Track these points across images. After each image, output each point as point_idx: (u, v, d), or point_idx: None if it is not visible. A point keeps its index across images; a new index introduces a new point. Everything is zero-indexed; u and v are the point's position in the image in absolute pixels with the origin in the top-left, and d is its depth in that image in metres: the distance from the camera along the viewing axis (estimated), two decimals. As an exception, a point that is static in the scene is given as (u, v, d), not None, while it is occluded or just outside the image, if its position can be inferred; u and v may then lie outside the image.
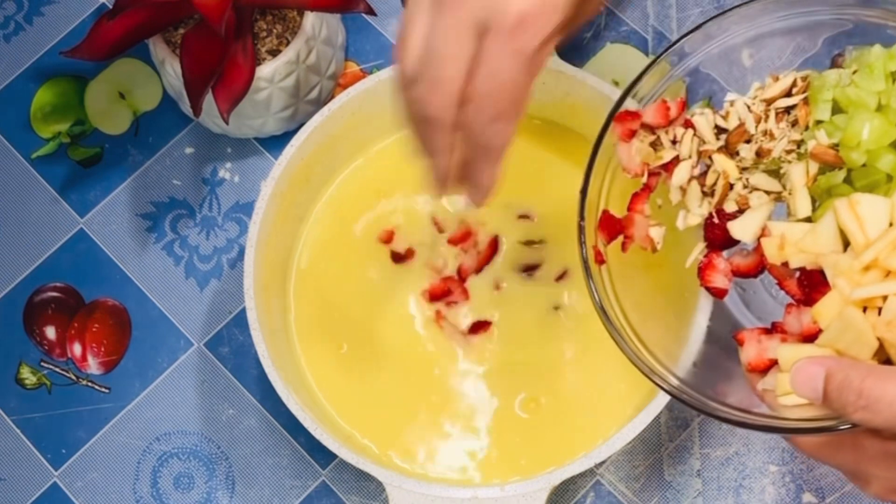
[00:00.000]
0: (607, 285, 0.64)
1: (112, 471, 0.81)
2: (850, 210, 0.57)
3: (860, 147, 0.59)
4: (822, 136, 0.61)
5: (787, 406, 0.57)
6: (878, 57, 0.60)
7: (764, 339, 0.60)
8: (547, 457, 0.75)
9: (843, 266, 0.57)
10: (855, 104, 0.60)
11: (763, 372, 0.60)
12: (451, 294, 0.79)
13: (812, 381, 0.53)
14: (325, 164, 0.81)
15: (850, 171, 0.60)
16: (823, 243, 0.58)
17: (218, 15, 0.74)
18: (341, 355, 0.79)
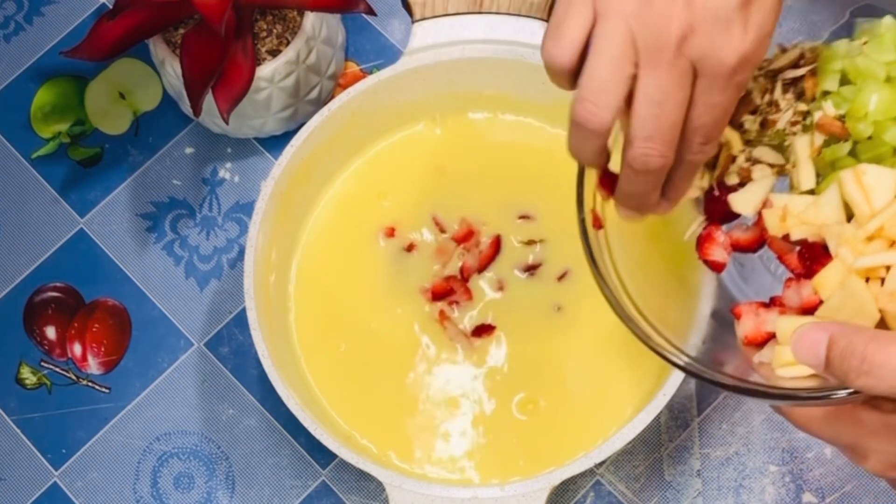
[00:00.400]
0: (604, 251, 0.63)
1: (112, 471, 0.81)
2: (856, 180, 0.57)
3: (867, 118, 0.58)
4: (829, 107, 0.60)
5: (784, 379, 0.56)
6: (888, 28, 0.59)
7: (762, 313, 0.60)
8: (547, 457, 0.75)
9: (846, 235, 0.56)
10: (864, 75, 0.59)
11: (760, 345, 0.60)
12: (453, 293, 0.79)
13: (815, 346, 0.52)
14: (325, 164, 0.81)
15: (856, 143, 0.60)
16: (827, 214, 0.58)
17: (218, 15, 0.74)
18: (341, 355, 0.79)
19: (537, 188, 0.81)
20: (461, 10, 0.80)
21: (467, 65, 0.79)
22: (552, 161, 0.82)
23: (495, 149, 0.83)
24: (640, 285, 0.63)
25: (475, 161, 0.82)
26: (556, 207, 0.81)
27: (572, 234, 0.79)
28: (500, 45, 0.79)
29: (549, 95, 0.80)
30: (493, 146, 0.83)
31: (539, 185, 0.81)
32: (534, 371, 0.77)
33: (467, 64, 0.79)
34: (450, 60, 0.79)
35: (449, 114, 0.83)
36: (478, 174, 0.82)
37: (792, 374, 0.56)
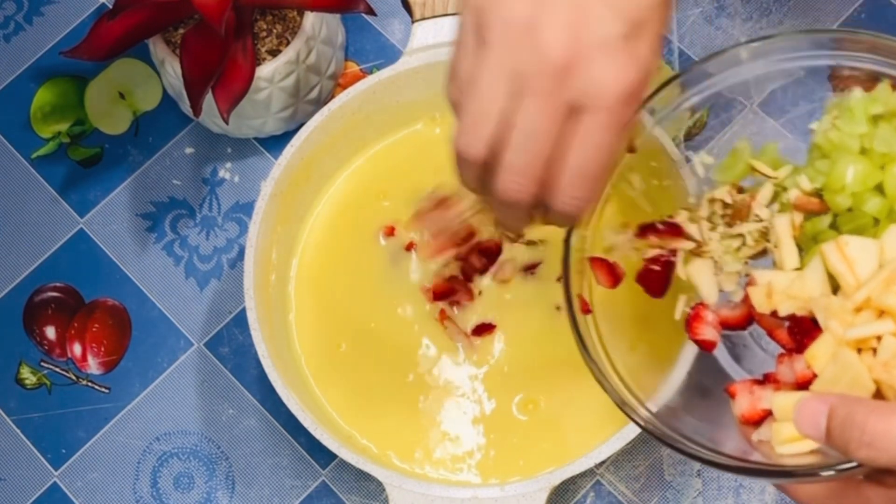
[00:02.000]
0: (593, 333, 0.64)
1: (112, 471, 0.81)
2: (839, 252, 0.57)
3: (845, 190, 0.59)
4: (804, 182, 0.61)
5: (784, 456, 0.56)
6: (858, 101, 0.60)
7: (756, 390, 0.60)
8: (547, 457, 0.75)
9: (834, 308, 0.56)
10: (838, 148, 0.59)
11: (757, 423, 0.59)
12: (455, 294, 0.79)
13: (815, 417, 0.51)
14: (325, 164, 0.81)
15: (836, 216, 0.60)
16: (812, 288, 0.58)
17: (218, 15, 0.74)
18: (341, 355, 0.79)
19: (537, 188, 0.81)
20: (461, 10, 0.80)
21: (467, 65, 0.79)
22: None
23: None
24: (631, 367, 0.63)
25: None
26: (556, 207, 0.81)
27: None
28: (500, 44, 0.79)
29: (549, 95, 0.80)
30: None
31: (539, 185, 0.81)
32: (534, 371, 0.77)
33: (467, 64, 0.79)
34: (450, 60, 0.79)
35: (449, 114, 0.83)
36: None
37: (792, 450, 0.55)
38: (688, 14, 0.88)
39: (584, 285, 0.64)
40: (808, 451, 0.55)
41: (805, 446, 0.55)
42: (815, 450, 0.55)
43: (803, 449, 0.55)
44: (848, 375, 0.54)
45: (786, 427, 0.56)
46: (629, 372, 0.63)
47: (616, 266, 0.65)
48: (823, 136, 0.60)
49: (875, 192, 0.59)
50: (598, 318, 0.64)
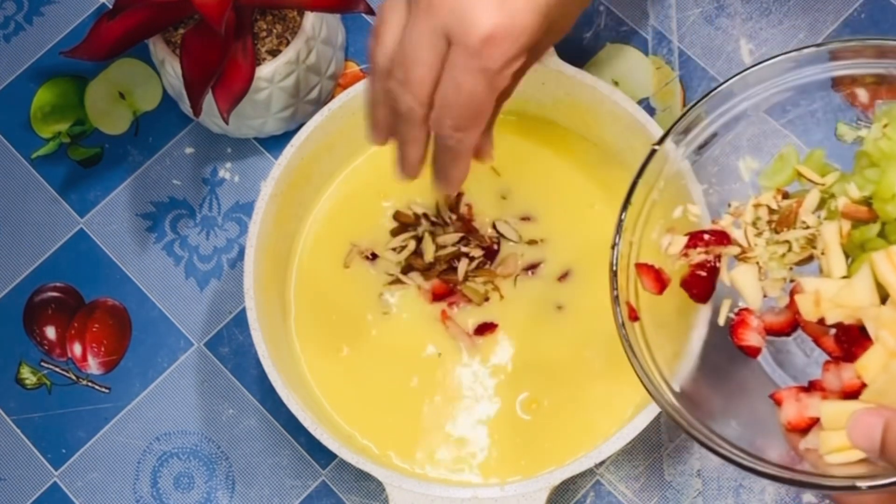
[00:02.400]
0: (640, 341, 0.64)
1: (112, 471, 0.81)
2: (889, 261, 0.56)
3: (895, 199, 0.58)
4: (853, 189, 0.60)
5: (832, 465, 0.55)
6: None
7: (803, 398, 0.60)
8: (547, 457, 0.75)
9: (885, 318, 0.56)
10: (888, 157, 0.59)
11: (804, 431, 0.59)
12: (455, 294, 0.79)
13: (870, 430, 0.51)
14: (325, 164, 0.81)
15: (885, 224, 0.59)
16: (861, 297, 0.58)
17: (218, 15, 0.74)
18: (341, 355, 0.79)
19: (538, 188, 0.81)
20: (461, 10, 0.80)
21: (467, 65, 0.79)
22: (553, 160, 0.82)
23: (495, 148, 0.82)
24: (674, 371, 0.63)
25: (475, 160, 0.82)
26: (557, 207, 0.81)
27: (573, 234, 0.80)
28: (500, 44, 0.79)
29: (548, 95, 0.80)
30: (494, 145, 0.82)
31: (539, 185, 0.81)
32: (535, 371, 0.77)
33: (467, 64, 0.79)
34: (450, 60, 0.79)
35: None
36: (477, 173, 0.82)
37: (841, 459, 0.55)
38: (688, 14, 0.88)
39: (631, 292, 0.64)
40: (856, 461, 0.55)
41: (854, 455, 0.55)
42: (864, 459, 0.54)
43: (852, 458, 0.55)
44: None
45: (834, 436, 0.55)
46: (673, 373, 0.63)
47: (662, 271, 0.65)
48: (873, 145, 0.60)
49: None
50: (645, 325, 0.64)
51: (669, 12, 0.88)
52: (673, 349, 0.65)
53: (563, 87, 0.79)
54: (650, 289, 0.65)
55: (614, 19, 0.89)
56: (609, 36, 0.88)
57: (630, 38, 0.88)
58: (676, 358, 0.65)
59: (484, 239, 0.80)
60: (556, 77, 0.78)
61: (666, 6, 0.88)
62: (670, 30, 0.87)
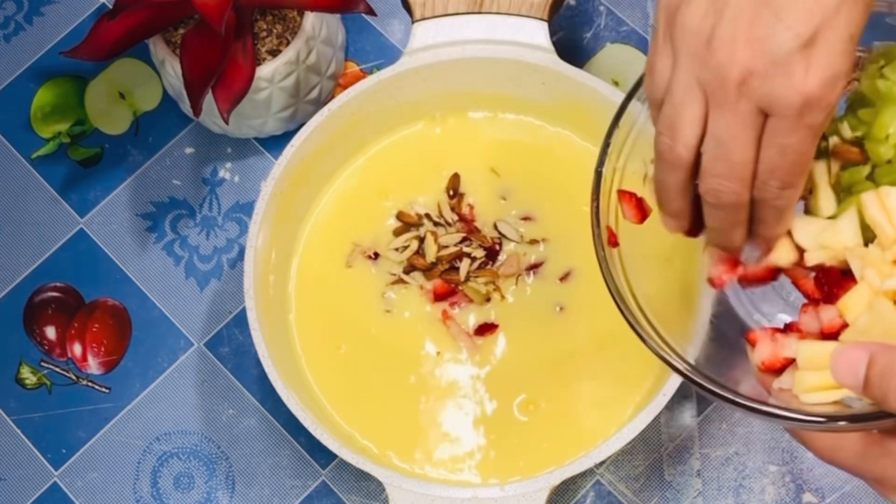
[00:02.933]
0: (618, 267, 0.63)
1: (112, 471, 0.81)
2: (879, 202, 0.56)
3: (888, 140, 0.58)
4: (846, 130, 0.60)
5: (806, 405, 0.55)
6: None
7: (779, 338, 0.59)
8: (547, 457, 0.75)
9: (872, 257, 0.56)
10: (884, 97, 0.58)
11: (778, 371, 0.59)
12: (456, 294, 0.79)
13: (854, 365, 0.51)
14: (325, 164, 0.81)
15: (874, 167, 0.59)
16: (846, 237, 0.58)
17: (218, 15, 0.74)
18: (341, 355, 0.79)
19: (538, 188, 0.81)
20: (461, 10, 0.80)
21: (467, 65, 0.79)
22: (553, 160, 0.82)
23: (495, 148, 0.83)
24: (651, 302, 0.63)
25: (475, 160, 0.82)
26: (558, 207, 0.81)
27: (574, 234, 0.80)
28: (500, 45, 0.79)
29: (548, 95, 0.80)
30: (494, 145, 0.83)
31: (540, 185, 0.81)
32: (535, 371, 0.77)
33: (467, 64, 0.79)
34: (450, 60, 0.79)
35: (449, 113, 0.83)
36: (477, 173, 0.82)
37: (816, 399, 0.55)
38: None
39: (612, 218, 0.64)
40: (831, 402, 0.54)
41: (830, 396, 0.54)
42: (839, 401, 0.54)
43: (827, 399, 0.54)
44: (882, 326, 0.54)
45: (810, 376, 0.55)
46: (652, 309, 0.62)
47: (643, 201, 0.64)
48: (869, 84, 0.59)
49: None
50: (623, 253, 0.64)
51: (669, 12, 0.88)
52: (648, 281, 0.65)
53: (562, 87, 0.79)
54: (631, 217, 0.64)
55: (614, 19, 0.89)
56: (609, 36, 0.88)
57: (630, 38, 0.88)
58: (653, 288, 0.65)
59: (486, 239, 0.80)
60: (556, 77, 0.78)
61: (666, 6, 0.88)
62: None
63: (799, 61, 0.51)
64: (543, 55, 0.79)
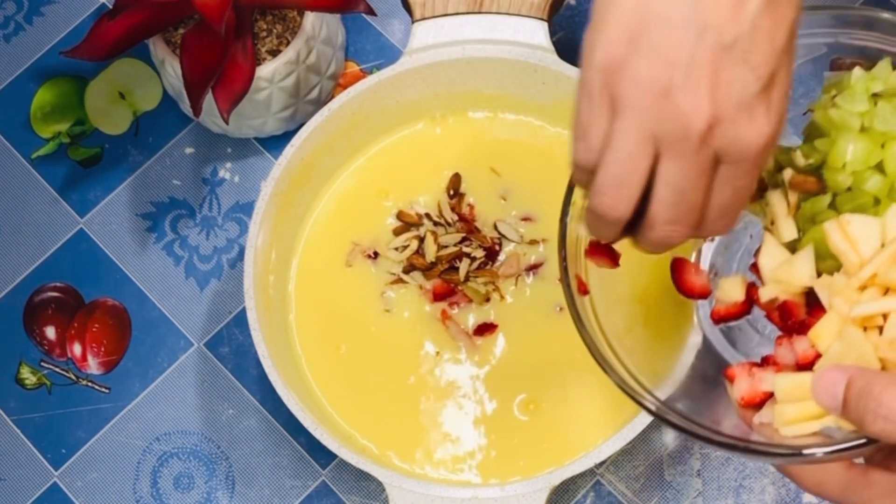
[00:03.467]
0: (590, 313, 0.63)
1: (112, 471, 0.81)
2: (841, 231, 0.57)
3: (846, 169, 0.58)
4: (800, 159, 0.61)
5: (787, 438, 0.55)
6: (858, 79, 0.59)
7: (756, 372, 0.59)
8: (547, 457, 0.75)
9: (838, 286, 0.56)
10: (838, 126, 0.59)
11: (757, 406, 0.59)
12: (456, 294, 0.79)
13: (832, 387, 0.51)
14: (325, 164, 0.81)
15: (836, 195, 0.60)
16: (800, 274, 0.58)
17: (218, 15, 0.74)
18: (341, 355, 0.79)
19: (538, 187, 0.81)
20: (461, 10, 0.80)
21: (467, 65, 0.79)
22: (553, 160, 0.82)
23: (495, 148, 0.83)
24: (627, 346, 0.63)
25: (475, 160, 0.82)
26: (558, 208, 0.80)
27: (573, 234, 0.79)
28: (500, 45, 0.79)
29: (548, 95, 0.80)
30: (494, 145, 0.83)
31: (540, 185, 0.81)
32: (535, 371, 0.77)
33: (467, 64, 0.79)
34: (450, 60, 0.79)
35: (449, 113, 0.83)
36: (478, 173, 0.82)
37: (796, 432, 0.55)
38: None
39: (581, 266, 0.64)
40: (811, 433, 0.55)
41: (810, 427, 0.55)
42: (819, 432, 0.54)
43: (807, 430, 0.55)
44: (854, 353, 0.54)
45: (789, 408, 0.55)
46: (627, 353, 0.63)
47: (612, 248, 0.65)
48: (822, 114, 0.60)
49: (875, 170, 0.58)
50: (595, 299, 0.64)
51: (669, 12, 0.88)
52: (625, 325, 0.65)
53: (563, 87, 0.79)
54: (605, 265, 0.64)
55: (614, 19, 0.88)
56: (609, 36, 0.88)
57: (630, 38, 0.88)
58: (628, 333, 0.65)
59: (485, 239, 0.80)
60: (556, 77, 0.78)
61: (666, 6, 0.88)
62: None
63: (761, 103, 0.51)
64: (543, 55, 0.79)
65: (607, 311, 0.64)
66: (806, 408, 0.55)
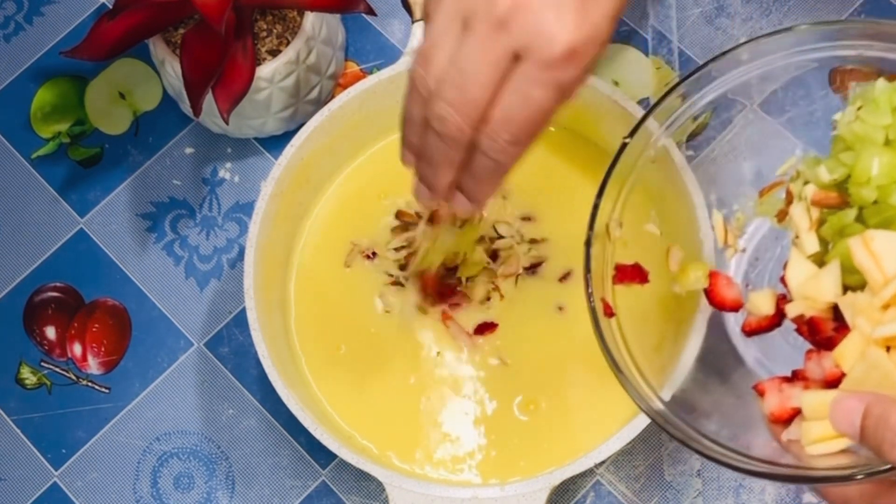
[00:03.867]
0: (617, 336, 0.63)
1: (112, 471, 0.81)
2: (865, 247, 0.56)
3: (871, 183, 0.58)
4: (824, 174, 0.60)
5: (814, 456, 0.55)
6: (882, 91, 0.59)
7: (785, 388, 0.59)
8: (547, 457, 0.75)
9: (861, 304, 0.55)
10: (862, 140, 0.58)
11: (787, 422, 0.59)
12: (456, 294, 0.79)
13: (850, 415, 0.51)
14: (325, 164, 0.81)
15: (862, 209, 0.59)
16: (826, 290, 0.57)
17: (218, 15, 0.74)
18: (341, 355, 0.79)
19: (538, 188, 0.81)
20: (461, 10, 0.80)
21: (467, 65, 0.79)
22: (553, 160, 0.82)
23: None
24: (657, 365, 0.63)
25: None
26: (558, 207, 0.81)
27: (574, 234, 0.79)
28: (500, 44, 0.79)
29: (549, 95, 0.80)
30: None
31: (540, 185, 0.81)
32: (535, 371, 0.77)
33: (467, 64, 0.79)
34: (450, 60, 0.79)
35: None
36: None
37: (822, 450, 0.55)
38: (688, 14, 0.88)
39: (606, 288, 0.64)
40: (838, 451, 0.54)
41: (836, 445, 0.54)
42: (846, 449, 0.54)
43: (834, 448, 0.54)
44: (876, 374, 0.53)
45: (816, 426, 0.55)
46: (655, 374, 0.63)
47: (640, 266, 0.65)
48: (847, 128, 0.59)
49: None
50: (622, 320, 0.64)
51: (669, 12, 0.88)
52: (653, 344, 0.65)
53: (563, 87, 0.79)
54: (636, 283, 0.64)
55: (614, 19, 0.88)
56: (609, 36, 0.88)
57: (630, 38, 0.88)
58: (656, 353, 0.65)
59: (485, 239, 0.80)
60: (557, 77, 0.78)
61: (666, 6, 0.88)
62: (670, 30, 0.87)
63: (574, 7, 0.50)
64: (543, 55, 0.78)
65: (635, 331, 0.64)
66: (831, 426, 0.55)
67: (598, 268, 0.63)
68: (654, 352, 0.64)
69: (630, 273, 0.64)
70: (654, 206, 0.68)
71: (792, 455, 0.56)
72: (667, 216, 0.68)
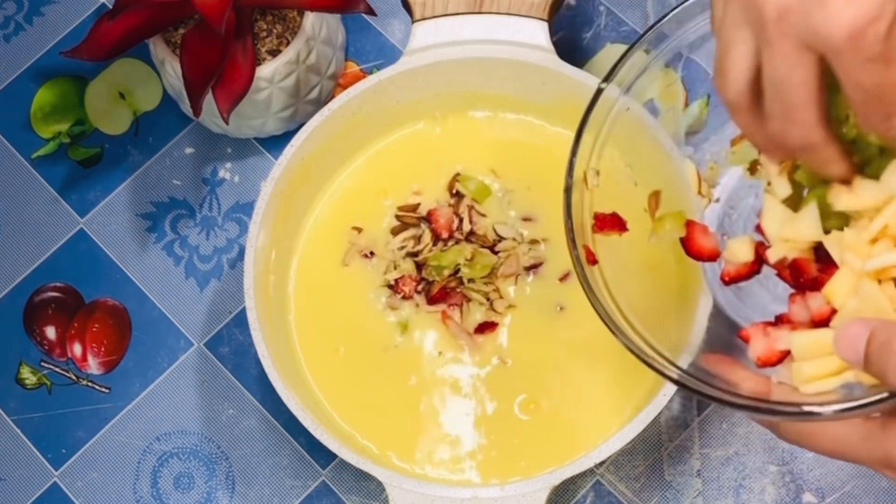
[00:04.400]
0: (600, 283, 0.63)
1: (112, 471, 0.81)
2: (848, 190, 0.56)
3: (849, 121, 0.57)
4: None
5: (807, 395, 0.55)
6: None
7: (771, 332, 0.59)
8: (547, 457, 0.75)
9: (848, 241, 0.55)
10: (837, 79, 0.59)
11: (774, 366, 0.59)
12: (456, 294, 0.79)
13: (854, 341, 0.51)
14: (325, 164, 0.81)
15: None
16: (806, 231, 0.57)
17: (218, 15, 0.74)
18: (341, 355, 0.79)
19: (538, 188, 0.81)
20: (461, 10, 0.80)
21: (467, 65, 0.79)
22: (553, 160, 0.81)
23: (496, 148, 0.83)
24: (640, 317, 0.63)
25: (475, 160, 0.82)
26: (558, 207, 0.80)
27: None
28: (499, 45, 0.79)
29: (548, 95, 0.80)
30: (494, 145, 0.83)
31: (540, 185, 0.81)
32: (535, 371, 0.77)
33: (467, 64, 0.79)
34: (450, 60, 0.79)
35: (449, 113, 0.83)
36: (478, 173, 0.82)
37: (816, 389, 0.55)
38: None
39: (588, 238, 0.64)
40: (830, 390, 0.54)
41: (828, 384, 0.54)
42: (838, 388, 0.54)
43: (827, 387, 0.54)
44: (870, 307, 0.53)
45: (807, 366, 0.55)
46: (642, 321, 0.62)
47: (618, 215, 0.65)
48: None
49: None
50: (605, 270, 0.64)
51: (669, 12, 0.88)
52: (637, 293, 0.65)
53: (563, 87, 0.79)
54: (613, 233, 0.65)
55: (614, 19, 0.89)
56: (609, 36, 0.88)
57: (630, 38, 0.88)
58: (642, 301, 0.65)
59: (486, 239, 0.80)
60: (556, 77, 0.78)
61: (666, 6, 0.88)
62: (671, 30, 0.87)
63: None
64: (543, 55, 0.79)
65: (618, 280, 0.64)
66: (824, 364, 0.54)
67: (577, 216, 0.64)
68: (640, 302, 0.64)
69: (609, 222, 0.64)
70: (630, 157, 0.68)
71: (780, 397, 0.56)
72: (642, 167, 0.68)
